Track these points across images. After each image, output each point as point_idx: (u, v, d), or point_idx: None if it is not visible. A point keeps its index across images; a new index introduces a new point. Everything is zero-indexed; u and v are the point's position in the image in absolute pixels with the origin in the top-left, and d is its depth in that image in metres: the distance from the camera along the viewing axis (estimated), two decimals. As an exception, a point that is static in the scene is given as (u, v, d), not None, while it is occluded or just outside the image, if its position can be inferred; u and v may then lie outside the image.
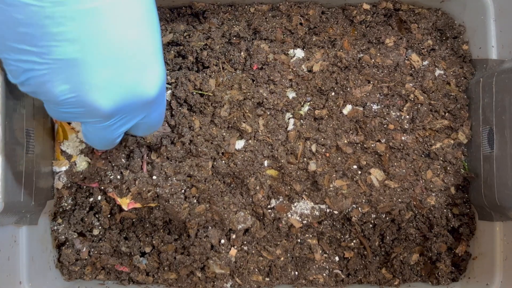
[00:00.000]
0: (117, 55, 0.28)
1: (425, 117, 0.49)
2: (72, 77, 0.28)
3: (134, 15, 0.29)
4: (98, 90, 0.29)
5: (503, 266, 0.46)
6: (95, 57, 0.28)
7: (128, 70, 0.29)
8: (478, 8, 0.49)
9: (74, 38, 0.27)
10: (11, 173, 0.41)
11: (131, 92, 0.30)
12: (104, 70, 0.28)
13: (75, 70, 0.28)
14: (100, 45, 0.28)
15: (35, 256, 0.46)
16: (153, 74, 0.31)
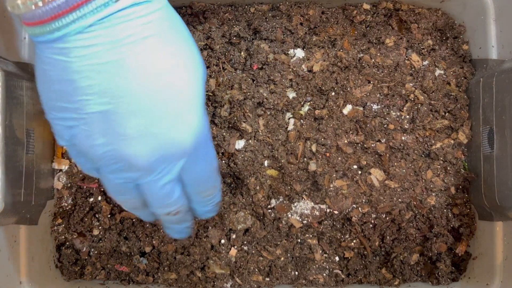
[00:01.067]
0: (145, 105, 0.29)
1: (425, 117, 0.49)
2: (107, 129, 0.29)
3: (162, 65, 0.29)
4: (132, 140, 0.29)
5: (503, 266, 0.46)
6: (125, 108, 0.28)
7: (161, 119, 0.29)
8: (478, 8, 0.49)
9: (102, 90, 0.28)
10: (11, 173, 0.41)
11: (164, 141, 0.30)
12: (135, 120, 0.29)
13: (109, 122, 0.29)
14: (128, 96, 0.28)
15: (35, 256, 0.46)
16: (187, 124, 0.30)
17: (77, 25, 0.26)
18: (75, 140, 0.30)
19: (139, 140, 0.29)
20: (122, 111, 0.28)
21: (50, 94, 0.29)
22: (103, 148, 0.30)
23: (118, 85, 0.28)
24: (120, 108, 0.28)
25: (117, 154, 0.30)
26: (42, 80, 0.29)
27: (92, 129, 0.29)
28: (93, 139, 0.29)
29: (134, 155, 0.30)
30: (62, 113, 0.29)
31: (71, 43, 0.27)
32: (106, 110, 0.28)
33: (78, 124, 0.29)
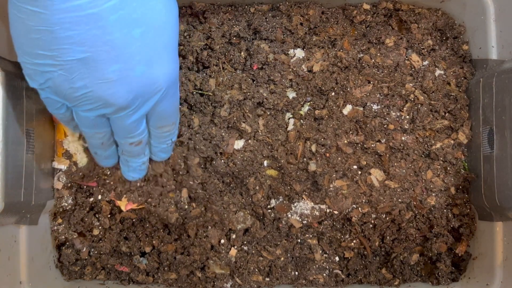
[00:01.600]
0: (122, 52, 0.31)
1: (425, 117, 0.49)
2: (85, 74, 0.31)
3: (136, 15, 0.30)
4: (110, 83, 0.32)
5: (503, 266, 0.46)
6: (103, 55, 0.30)
7: (137, 65, 0.32)
8: (478, 8, 0.49)
9: (81, 40, 0.29)
10: (11, 173, 0.41)
11: (141, 83, 0.33)
12: (113, 66, 0.31)
13: (87, 67, 0.30)
14: (105, 45, 0.30)
15: (35, 256, 0.46)
16: (161, 67, 0.33)
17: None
18: (50, 83, 0.32)
19: (118, 83, 0.32)
20: (102, 58, 0.30)
21: (25, 41, 0.30)
22: (82, 90, 0.32)
23: (97, 34, 0.29)
24: (99, 55, 0.30)
25: (95, 95, 0.32)
26: (17, 27, 0.30)
27: (71, 74, 0.31)
28: (71, 83, 0.31)
29: (113, 96, 0.32)
30: (39, 59, 0.30)
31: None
32: (86, 57, 0.30)
33: (55, 69, 0.31)
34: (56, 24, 0.28)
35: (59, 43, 0.29)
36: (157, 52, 0.33)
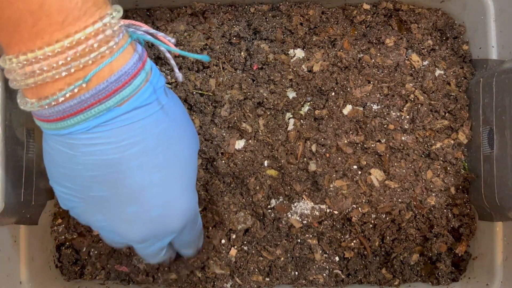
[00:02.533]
0: (140, 195, 0.32)
1: (425, 117, 0.49)
2: (105, 209, 0.33)
3: (158, 161, 0.32)
4: (126, 223, 0.33)
5: (503, 266, 0.46)
6: (121, 197, 0.32)
7: (153, 208, 0.33)
8: (478, 8, 0.49)
9: (102, 181, 0.31)
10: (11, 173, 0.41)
11: (156, 225, 0.34)
12: (130, 207, 0.32)
13: (107, 205, 0.32)
14: (125, 187, 0.31)
15: (35, 256, 0.46)
16: (177, 209, 0.34)
17: (82, 126, 0.29)
18: (75, 211, 0.34)
19: (134, 223, 0.33)
20: (120, 199, 0.32)
21: (54, 172, 0.33)
22: (101, 222, 0.34)
23: (118, 178, 0.31)
24: (118, 196, 0.32)
25: (113, 229, 0.34)
26: (48, 160, 0.32)
27: (92, 207, 0.33)
28: (91, 214, 0.34)
29: (128, 233, 0.34)
30: (65, 189, 0.33)
31: (77, 140, 0.30)
32: (106, 196, 0.32)
33: (78, 201, 0.33)
34: (81, 164, 0.30)
35: (82, 180, 0.31)
36: (174, 195, 0.34)
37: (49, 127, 0.30)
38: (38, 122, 0.31)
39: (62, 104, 0.28)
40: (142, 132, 0.31)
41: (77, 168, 0.31)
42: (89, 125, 0.29)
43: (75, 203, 0.33)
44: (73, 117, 0.29)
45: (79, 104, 0.28)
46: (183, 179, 0.34)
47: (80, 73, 0.28)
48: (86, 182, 0.31)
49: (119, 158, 0.30)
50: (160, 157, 0.32)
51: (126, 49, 0.29)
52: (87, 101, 0.28)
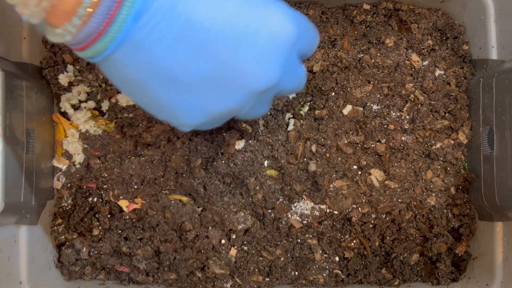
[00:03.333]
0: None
1: (425, 117, 0.49)
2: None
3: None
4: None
5: (503, 266, 0.46)
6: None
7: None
8: (478, 8, 0.49)
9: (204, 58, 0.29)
10: (11, 173, 0.41)
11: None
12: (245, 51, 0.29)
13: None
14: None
15: (35, 256, 0.46)
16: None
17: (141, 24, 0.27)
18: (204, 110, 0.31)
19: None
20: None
21: (153, 91, 0.30)
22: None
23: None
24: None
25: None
26: (138, 87, 0.30)
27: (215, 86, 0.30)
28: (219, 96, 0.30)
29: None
30: (179, 94, 0.30)
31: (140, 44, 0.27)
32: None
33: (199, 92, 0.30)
34: (171, 58, 0.28)
35: (184, 68, 0.29)
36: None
37: (99, 49, 0.27)
38: (86, 52, 0.28)
39: (97, 10, 0.26)
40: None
41: (171, 64, 0.28)
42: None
43: (197, 98, 0.30)
44: (118, 15, 0.26)
45: (99, 22, 0.26)
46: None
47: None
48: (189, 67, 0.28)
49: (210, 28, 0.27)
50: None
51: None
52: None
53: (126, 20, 0.26)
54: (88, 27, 0.26)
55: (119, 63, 0.28)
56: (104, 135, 0.49)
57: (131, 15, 0.26)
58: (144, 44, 0.27)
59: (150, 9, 0.27)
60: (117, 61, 0.28)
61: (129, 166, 0.48)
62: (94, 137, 0.49)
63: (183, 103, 0.30)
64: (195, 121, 0.32)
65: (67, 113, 0.50)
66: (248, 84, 0.30)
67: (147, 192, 0.48)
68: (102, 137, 0.49)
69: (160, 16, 0.27)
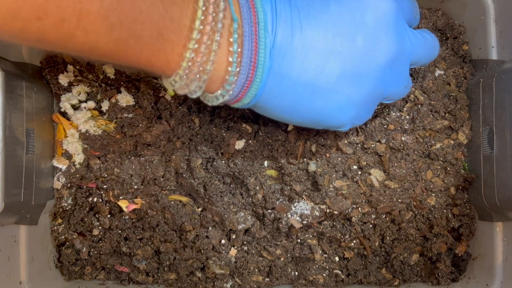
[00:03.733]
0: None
1: (425, 118, 0.49)
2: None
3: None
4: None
5: (503, 267, 0.46)
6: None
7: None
8: (478, 8, 0.49)
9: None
10: (11, 173, 0.41)
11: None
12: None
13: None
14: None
15: (35, 256, 0.46)
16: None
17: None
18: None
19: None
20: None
21: (305, 107, 0.34)
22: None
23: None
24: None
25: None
26: (292, 109, 0.34)
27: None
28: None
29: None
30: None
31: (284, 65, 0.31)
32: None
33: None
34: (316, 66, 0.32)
35: (330, 76, 0.33)
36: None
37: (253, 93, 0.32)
38: (243, 100, 0.32)
39: (241, 68, 0.30)
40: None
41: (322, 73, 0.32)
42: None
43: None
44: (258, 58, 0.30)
45: (247, 71, 0.30)
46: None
47: (230, 26, 0.29)
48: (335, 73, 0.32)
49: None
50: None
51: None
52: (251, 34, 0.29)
53: (265, 60, 0.30)
54: (240, 80, 0.30)
55: (270, 96, 0.32)
56: (104, 135, 0.49)
57: (267, 54, 0.30)
58: (282, 70, 0.31)
59: (275, 41, 0.30)
60: (268, 96, 0.32)
61: (129, 166, 0.48)
62: (94, 137, 0.49)
63: (332, 105, 0.34)
64: (349, 115, 0.35)
65: (67, 113, 0.50)
66: (374, 61, 0.33)
67: (147, 192, 0.48)
68: (102, 137, 0.49)
69: (286, 43, 0.31)
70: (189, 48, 0.28)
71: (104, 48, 0.26)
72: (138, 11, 0.25)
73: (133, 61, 0.28)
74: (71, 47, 0.26)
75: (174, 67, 0.28)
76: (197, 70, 0.28)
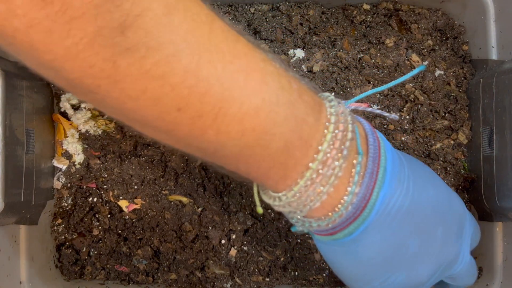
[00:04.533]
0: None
1: (425, 118, 0.49)
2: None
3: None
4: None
5: (503, 266, 0.46)
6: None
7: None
8: (478, 8, 0.49)
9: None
10: (11, 173, 0.41)
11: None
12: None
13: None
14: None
15: (35, 256, 0.46)
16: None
17: (358, 231, 0.30)
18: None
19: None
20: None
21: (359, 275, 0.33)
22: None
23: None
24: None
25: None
26: (383, 264, 0.32)
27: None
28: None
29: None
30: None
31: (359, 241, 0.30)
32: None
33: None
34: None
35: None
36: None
37: (334, 237, 0.31)
38: (321, 237, 0.32)
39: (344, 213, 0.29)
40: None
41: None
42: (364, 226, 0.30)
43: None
44: (355, 221, 0.29)
45: (357, 206, 0.29)
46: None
47: (354, 158, 0.29)
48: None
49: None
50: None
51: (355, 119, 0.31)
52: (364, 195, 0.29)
53: (376, 203, 0.29)
54: (349, 212, 0.29)
55: (368, 239, 0.31)
56: (104, 135, 0.49)
57: (380, 194, 0.29)
58: (386, 220, 0.30)
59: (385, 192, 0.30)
60: (366, 238, 0.31)
61: (129, 166, 0.48)
62: (94, 137, 0.49)
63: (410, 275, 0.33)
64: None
65: (67, 113, 0.50)
66: (440, 258, 0.33)
67: (147, 192, 0.48)
68: (102, 137, 0.49)
69: (396, 197, 0.30)
70: (311, 168, 0.27)
71: (229, 151, 0.26)
72: (272, 122, 0.25)
73: (252, 168, 0.27)
74: (197, 144, 0.25)
75: (290, 183, 0.28)
76: (312, 191, 0.28)
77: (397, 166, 0.31)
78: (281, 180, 0.28)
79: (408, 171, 0.32)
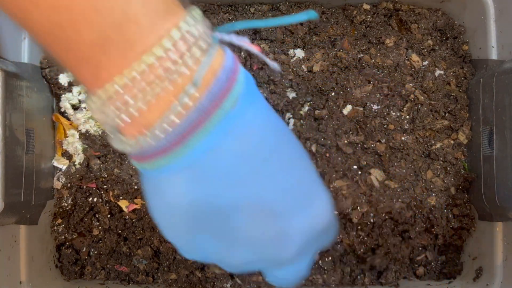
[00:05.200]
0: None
1: (425, 117, 0.49)
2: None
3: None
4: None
5: (503, 266, 0.46)
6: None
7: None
8: (478, 8, 0.49)
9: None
10: (11, 173, 0.41)
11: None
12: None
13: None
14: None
15: (35, 256, 0.46)
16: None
17: (205, 142, 0.25)
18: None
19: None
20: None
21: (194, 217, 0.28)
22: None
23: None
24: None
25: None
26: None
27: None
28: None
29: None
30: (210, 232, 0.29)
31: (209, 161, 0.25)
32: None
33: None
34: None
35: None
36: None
37: (165, 162, 0.25)
38: (144, 164, 0.26)
39: (178, 125, 0.24)
40: (265, 129, 0.27)
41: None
42: (212, 140, 0.25)
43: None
44: (196, 133, 0.24)
45: (198, 117, 0.24)
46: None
47: (185, 80, 0.23)
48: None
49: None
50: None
51: (218, 45, 0.26)
52: (205, 110, 0.24)
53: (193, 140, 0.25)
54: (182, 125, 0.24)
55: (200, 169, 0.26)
56: (104, 135, 0.49)
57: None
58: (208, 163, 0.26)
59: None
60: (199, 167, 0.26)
61: (129, 166, 0.48)
62: (94, 137, 0.49)
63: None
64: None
65: (67, 113, 0.50)
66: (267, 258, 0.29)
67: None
68: (102, 137, 0.49)
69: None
70: (124, 75, 0.23)
71: (39, 25, 0.22)
72: (92, 9, 0.21)
73: (62, 53, 0.23)
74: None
75: (100, 84, 0.23)
76: (121, 103, 0.23)
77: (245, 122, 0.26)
78: (93, 79, 0.24)
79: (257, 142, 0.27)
